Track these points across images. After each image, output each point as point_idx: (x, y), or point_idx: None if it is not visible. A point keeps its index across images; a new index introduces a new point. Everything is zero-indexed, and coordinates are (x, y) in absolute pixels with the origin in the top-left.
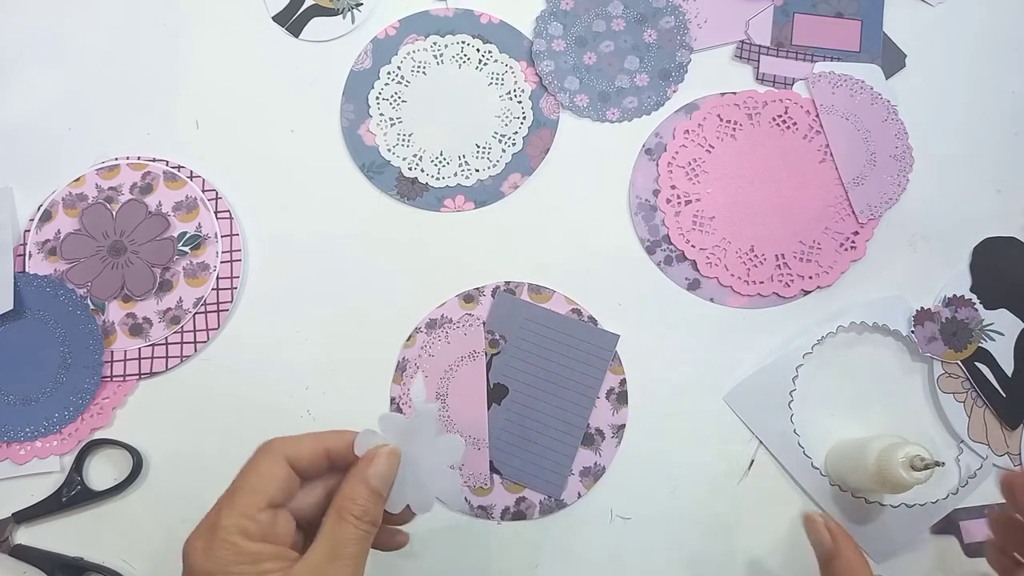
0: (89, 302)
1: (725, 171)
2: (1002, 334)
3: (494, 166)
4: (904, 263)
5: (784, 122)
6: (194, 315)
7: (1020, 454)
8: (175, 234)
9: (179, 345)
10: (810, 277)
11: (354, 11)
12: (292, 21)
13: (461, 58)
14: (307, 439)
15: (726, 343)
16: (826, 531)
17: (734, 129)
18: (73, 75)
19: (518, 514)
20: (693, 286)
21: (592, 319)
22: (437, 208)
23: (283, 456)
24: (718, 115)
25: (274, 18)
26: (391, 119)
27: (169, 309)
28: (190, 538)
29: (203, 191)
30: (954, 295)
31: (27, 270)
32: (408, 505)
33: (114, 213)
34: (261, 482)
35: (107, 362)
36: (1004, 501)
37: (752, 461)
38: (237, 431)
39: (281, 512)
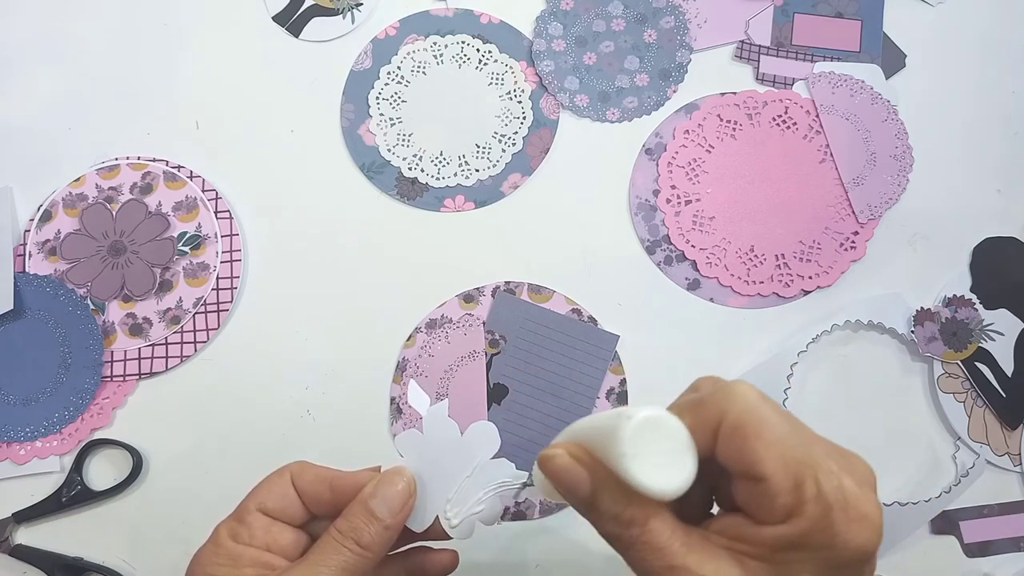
0: (89, 302)
1: (725, 171)
2: (1002, 334)
3: (494, 166)
4: (904, 263)
5: (784, 122)
6: (194, 315)
7: (1020, 454)
8: (175, 234)
9: (179, 345)
10: (810, 277)
11: (354, 11)
12: (292, 21)
13: (461, 58)
14: (319, 468)
15: (726, 343)
16: (579, 467)
17: (734, 129)
18: (73, 75)
19: (518, 514)
20: (693, 286)
21: (592, 319)
22: (437, 208)
23: (288, 473)
24: (718, 115)
25: (274, 18)
26: (391, 119)
27: (169, 309)
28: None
29: (203, 191)
30: (954, 295)
31: (27, 270)
32: (438, 519)
33: (114, 213)
34: (258, 490)
35: (107, 362)
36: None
37: None
38: (237, 431)
39: (279, 524)
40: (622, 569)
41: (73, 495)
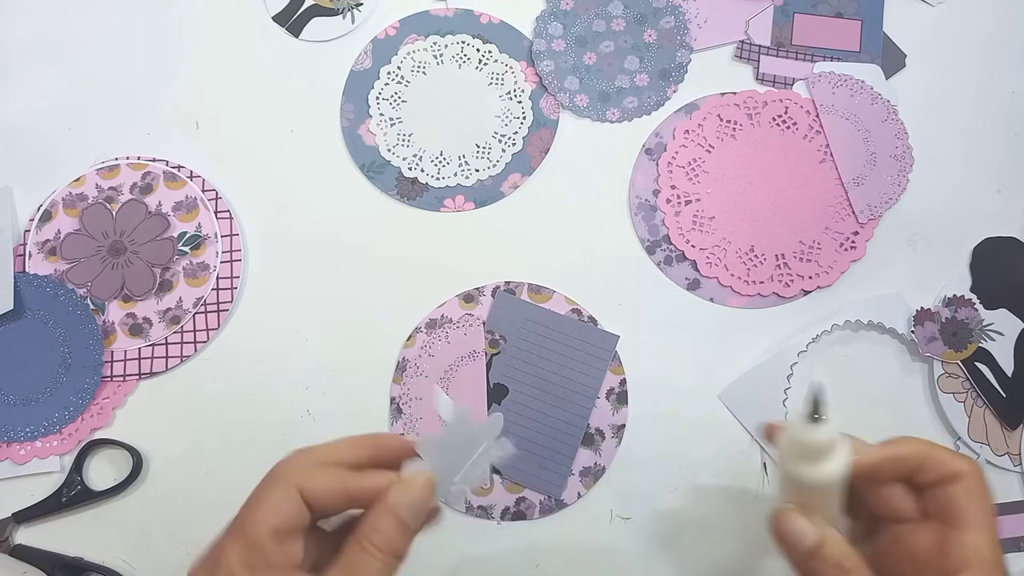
0: (89, 302)
1: (725, 171)
2: (1002, 334)
3: (494, 166)
4: (904, 263)
5: (784, 122)
6: (194, 315)
7: (1020, 454)
8: (175, 234)
9: (179, 345)
10: (810, 277)
11: (354, 11)
12: (292, 21)
13: (461, 58)
14: (329, 476)
15: (726, 343)
16: (806, 522)
17: (734, 129)
18: (73, 75)
19: (518, 514)
20: (693, 286)
21: (592, 319)
22: (437, 208)
23: (295, 487)
24: (718, 115)
25: (274, 18)
26: (391, 119)
27: (169, 309)
28: (193, 570)
29: (203, 191)
30: (954, 295)
31: (27, 270)
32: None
33: (114, 213)
34: (267, 514)
35: (107, 362)
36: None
37: (764, 464)
38: (237, 431)
39: (289, 538)
40: (621, 569)
41: (73, 495)
